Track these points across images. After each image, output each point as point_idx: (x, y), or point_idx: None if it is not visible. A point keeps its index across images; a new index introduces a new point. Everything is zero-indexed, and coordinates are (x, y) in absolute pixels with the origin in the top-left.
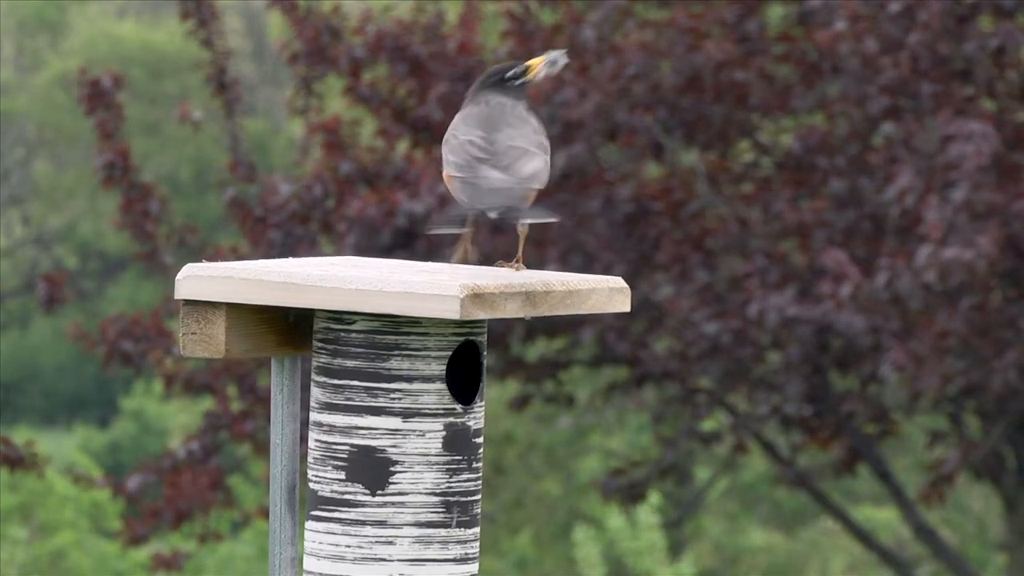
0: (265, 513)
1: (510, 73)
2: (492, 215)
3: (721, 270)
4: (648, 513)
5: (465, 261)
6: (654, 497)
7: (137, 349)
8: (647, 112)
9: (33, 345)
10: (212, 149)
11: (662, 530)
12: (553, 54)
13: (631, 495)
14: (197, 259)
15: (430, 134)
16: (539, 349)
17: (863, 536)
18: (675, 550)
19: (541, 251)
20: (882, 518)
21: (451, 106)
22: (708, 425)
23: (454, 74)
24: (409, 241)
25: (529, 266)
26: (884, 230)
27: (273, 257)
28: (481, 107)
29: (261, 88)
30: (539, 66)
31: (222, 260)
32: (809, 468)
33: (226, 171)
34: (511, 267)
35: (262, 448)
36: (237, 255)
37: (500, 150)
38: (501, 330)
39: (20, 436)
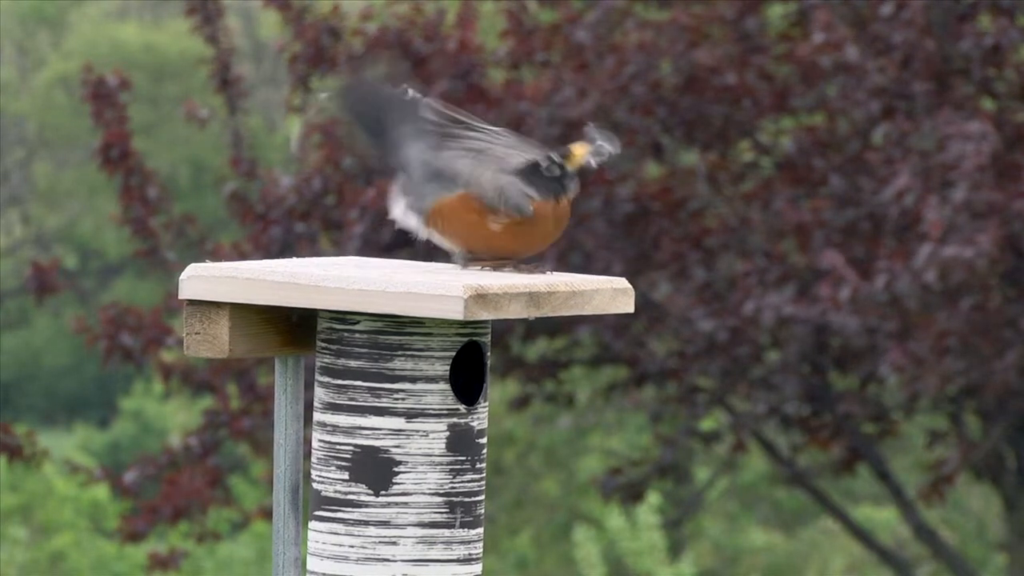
0: (265, 514)
1: (545, 165)
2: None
3: (720, 269)
4: (648, 513)
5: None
6: (654, 497)
7: (137, 343)
8: (647, 112)
9: (33, 345)
10: (209, 152)
11: (662, 530)
12: (599, 142)
13: (631, 494)
14: (197, 252)
15: None
16: (539, 349)
17: (863, 536)
18: (675, 550)
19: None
20: (882, 518)
21: (452, 104)
22: (707, 424)
23: (455, 72)
24: (411, 240)
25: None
26: (883, 230)
27: (273, 255)
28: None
29: (258, 88)
30: (584, 155)
31: (224, 257)
32: (809, 468)
33: (227, 167)
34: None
35: (261, 447)
36: (239, 252)
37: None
38: (501, 329)
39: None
